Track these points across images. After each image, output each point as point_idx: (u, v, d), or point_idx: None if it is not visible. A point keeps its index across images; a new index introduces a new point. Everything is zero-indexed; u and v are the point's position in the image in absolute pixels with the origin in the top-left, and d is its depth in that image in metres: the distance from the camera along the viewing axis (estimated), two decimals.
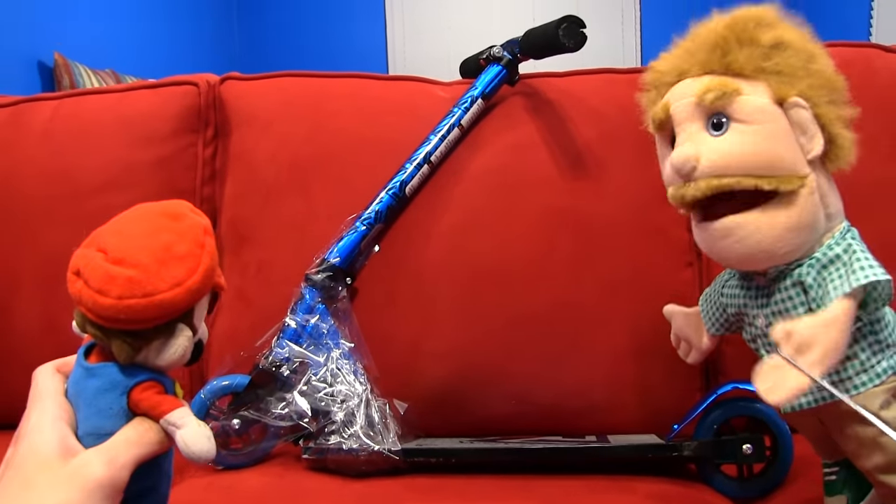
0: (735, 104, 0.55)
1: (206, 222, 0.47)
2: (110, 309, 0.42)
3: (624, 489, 0.76)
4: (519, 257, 0.92)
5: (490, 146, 0.96)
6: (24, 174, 1.02)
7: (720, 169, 0.56)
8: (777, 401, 0.50)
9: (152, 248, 0.43)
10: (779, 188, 0.55)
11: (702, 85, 0.56)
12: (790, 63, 0.55)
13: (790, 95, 0.55)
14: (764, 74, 0.55)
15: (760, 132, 0.55)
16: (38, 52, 2.62)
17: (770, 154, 0.55)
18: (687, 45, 0.60)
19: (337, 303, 0.89)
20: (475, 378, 0.91)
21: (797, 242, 0.56)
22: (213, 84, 1.05)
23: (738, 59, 0.56)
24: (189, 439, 0.43)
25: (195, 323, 0.46)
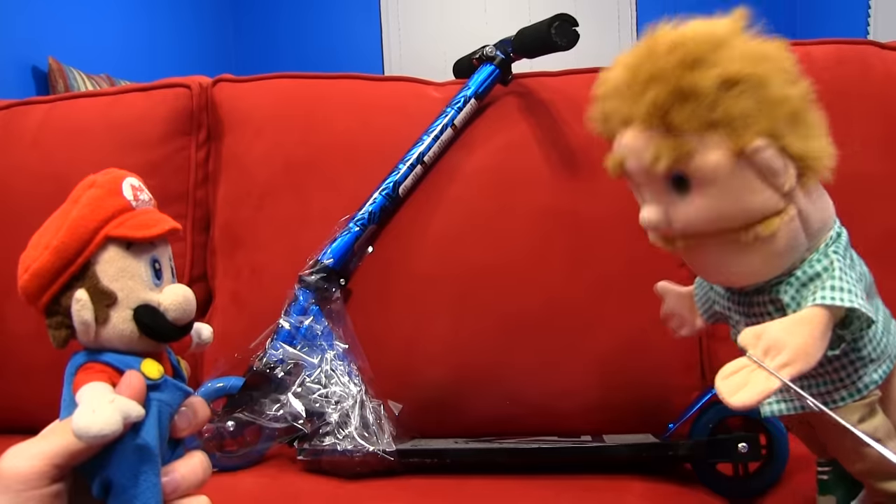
0: (691, 166, 0.49)
1: (102, 178, 0.43)
2: (20, 296, 0.41)
3: (619, 489, 0.76)
4: (513, 257, 0.92)
5: (483, 146, 0.96)
6: (16, 178, 1.02)
7: (693, 230, 0.52)
8: (741, 403, 0.46)
9: (44, 223, 0.42)
10: (758, 235, 0.51)
11: (650, 152, 0.50)
12: (740, 106, 0.48)
13: (748, 142, 0.48)
14: (712, 128, 0.49)
15: (726, 190, 0.50)
16: (32, 57, 2.62)
17: (742, 208, 0.51)
18: (628, 81, 0.52)
19: (331, 304, 0.89)
20: (470, 378, 0.91)
21: (777, 264, 0.53)
22: (206, 86, 1.05)
23: (680, 118, 0.48)
24: (76, 416, 0.36)
25: (105, 285, 0.40)
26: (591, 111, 0.57)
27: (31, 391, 0.97)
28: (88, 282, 0.40)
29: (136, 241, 0.41)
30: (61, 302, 0.40)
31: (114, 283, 0.40)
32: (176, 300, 0.42)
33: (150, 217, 0.43)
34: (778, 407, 0.57)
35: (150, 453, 0.40)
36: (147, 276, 0.42)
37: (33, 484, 0.37)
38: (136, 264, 0.41)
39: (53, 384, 1.06)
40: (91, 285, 0.40)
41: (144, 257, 0.42)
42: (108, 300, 0.40)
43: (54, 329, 0.41)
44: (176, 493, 0.41)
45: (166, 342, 0.43)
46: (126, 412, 0.37)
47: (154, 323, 0.41)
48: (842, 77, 0.91)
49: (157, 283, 0.42)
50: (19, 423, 0.99)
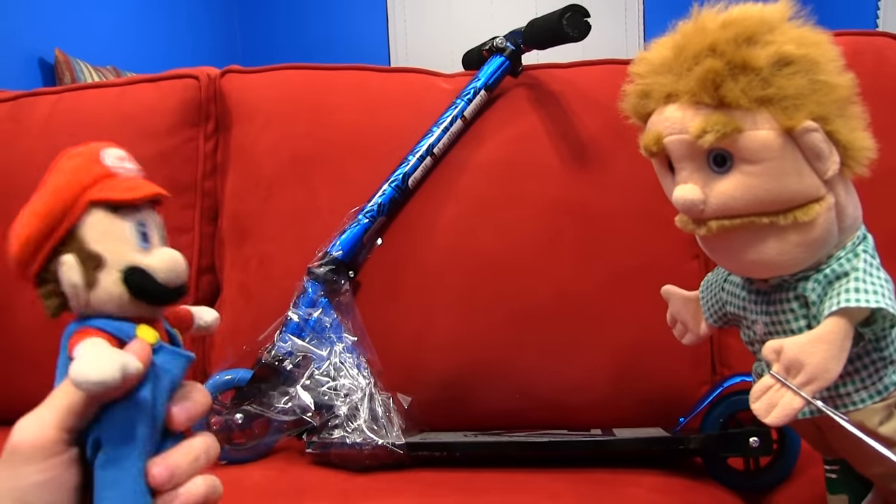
0: (737, 143, 0.49)
1: (84, 148, 0.44)
2: (12, 268, 0.42)
3: (629, 482, 0.76)
4: (523, 250, 0.92)
5: (493, 138, 0.95)
6: (24, 169, 1.01)
7: (730, 211, 0.51)
8: (771, 422, 0.49)
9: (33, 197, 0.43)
10: (797, 220, 0.50)
11: (696, 125, 0.49)
12: (794, 84, 0.48)
13: (799, 122, 0.48)
14: (765, 104, 0.48)
15: (769, 170, 0.49)
16: (38, 48, 2.62)
17: (783, 191, 0.50)
18: (673, 58, 0.52)
19: (340, 296, 0.88)
20: (479, 371, 0.91)
21: (804, 257, 0.52)
22: (214, 77, 1.04)
23: (733, 92, 0.48)
24: (74, 365, 0.36)
25: (91, 248, 0.40)
26: (627, 89, 0.57)
27: (41, 383, 0.96)
28: (75, 246, 0.40)
29: (120, 204, 0.41)
30: (50, 269, 0.41)
31: (99, 245, 0.40)
32: (164, 261, 0.42)
33: (134, 182, 0.43)
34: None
35: (143, 408, 0.40)
36: (133, 238, 0.42)
37: (49, 452, 0.37)
38: (121, 226, 0.41)
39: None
40: (77, 248, 0.40)
41: (130, 220, 0.42)
42: (95, 263, 0.40)
43: (46, 298, 0.41)
44: (172, 481, 0.40)
45: (158, 304, 0.43)
46: (125, 363, 0.37)
47: (144, 284, 0.41)
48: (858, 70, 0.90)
49: (145, 245, 0.42)
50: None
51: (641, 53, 0.56)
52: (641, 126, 0.58)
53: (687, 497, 0.73)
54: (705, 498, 0.74)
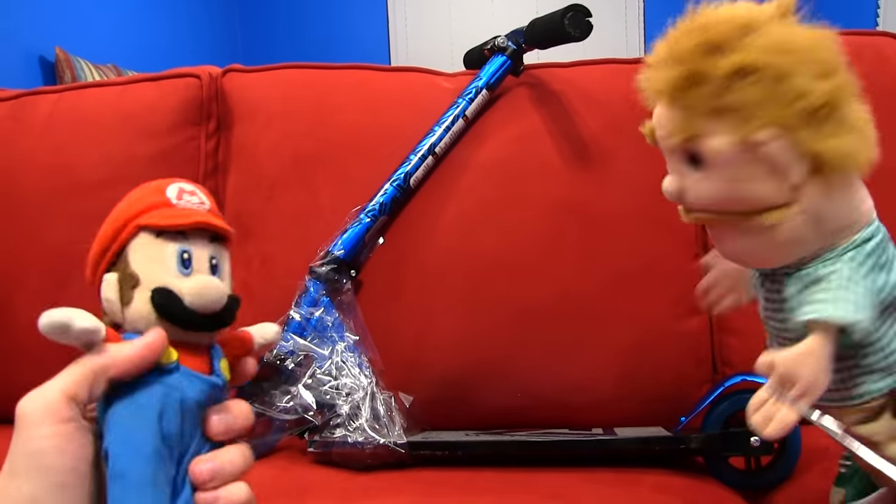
0: (699, 147, 0.50)
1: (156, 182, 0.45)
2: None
3: (631, 482, 0.76)
4: (525, 249, 0.92)
5: (495, 137, 0.95)
6: (25, 168, 1.01)
7: (702, 206, 0.54)
8: (768, 435, 0.50)
9: None
10: (761, 223, 0.51)
11: (666, 127, 0.52)
12: (751, 94, 0.48)
13: (752, 134, 0.48)
14: (723, 114, 0.49)
15: (727, 176, 0.51)
16: (39, 46, 2.62)
17: (742, 196, 0.51)
18: (664, 56, 0.53)
19: (341, 295, 0.88)
20: (481, 371, 0.91)
21: (777, 257, 0.54)
22: (216, 76, 1.04)
23: (694, 100, 0.50)
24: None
25: (133, 269, 0.42)
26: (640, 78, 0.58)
27: (40, 382, 0.96)
28: (120, 266, 0.42)
29: (162, 229, 0.43)
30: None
31: (139, 266, 0.42)
32: (194, 287, 0.42)
33: (186, 211, 0.44)
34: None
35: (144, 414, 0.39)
36: (173, 262, 0.43)
37: (55, 417, 0.38)
38: (162, 251, 0.43)
39: None
40: (122, 268, 0.42)
41: (173, 246, 0.43)
42: (133, 282, 0.42)
43: (103, 314, 0.43)
44: (216, 480, 0.41)
45: (187, 329, 0.43)
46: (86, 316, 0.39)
47: (170, 305, 0.41)
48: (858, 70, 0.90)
49: (185, 271, 0.43)
50: None
51: (657, 42, 0.57)
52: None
53: (688, 496, 0.73)
54: (707, 497, 0.74)
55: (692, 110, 0.50)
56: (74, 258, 1.04)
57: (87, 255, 0.44)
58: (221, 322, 0.44)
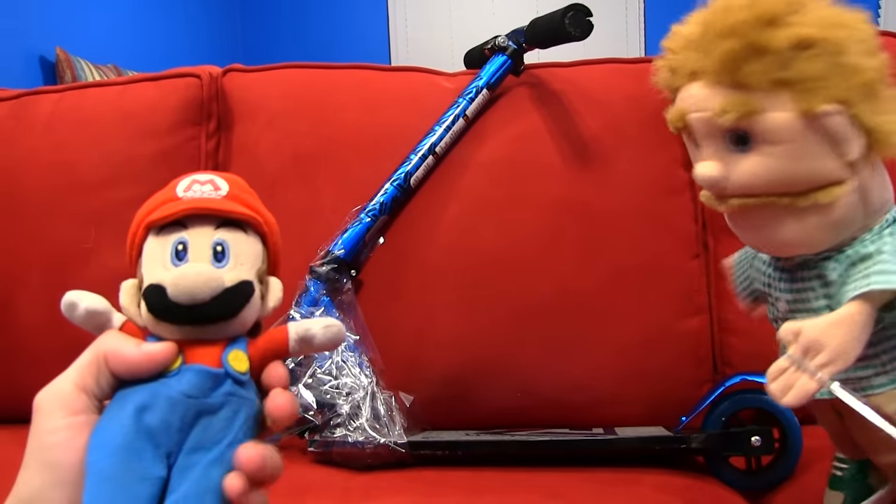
0: (757, 124, 0.49)
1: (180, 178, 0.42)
2: None
3: (631, 481, 0.76)
4: (525, 248, 0.92)
5: (495, 137, 0.95)
6: (27, 168, 1.01)
7: (750, 189, 0.52)
8: (788, 403, 0.48)
9: None
10: (817, 202, 0.50)
11: (717, 104, 0.50)
12: (815, 67, 0.48)
13: (817, 106, 0.48)
14: (785, 86, 0.48)
15: (789, 152, 0.49)
16: (39, 47, 2.62)
17: (803, 172, 0.50)
18: (700, 35, 0.52)
19: (342, 295, 0.88)
20: (481, 370, 0.91)
21: (826, 238, 0.53)
22: (216, 76, 1.04)
23: (753, 74, 0.49)
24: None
25: (141, 272, 0.40)
26: (659, 63, 0.57)
27: (41, 381, 0.96)
28: (139, 271, 0.41)
29: (155, 224, 0.40)
30: None
31: (143, 267, 0.40)
32: (175, 276, 0.38)
33: (187, 201, 0.40)
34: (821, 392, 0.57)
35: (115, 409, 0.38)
36: (166, 257, 0.39)
37: (67, 409, 0.37)
38: (159, 247, 0.40)
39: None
40: (138, 273, 0.41)
41: (169, 238, 0.40)
42: (140, 285, 0.40)
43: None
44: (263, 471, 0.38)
45: (173, 323, 0.39)
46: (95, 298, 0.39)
47: (154, 302, 0.38)
48: None
49: (178, 263, 0.39)
50: (29, 414, 0.99)
51: (675, 27, 0.56)
52: (673, 100, 0.58)
53: (689, 496, 0.73)
54: (707, 497, 0.74)
55: (751, 85, 0.49)
56: (76, 257, 1.05)
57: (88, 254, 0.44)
58: (216, 312, 0.39)
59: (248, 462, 0.38)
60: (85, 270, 0.96)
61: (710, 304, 0.93)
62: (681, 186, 0.94)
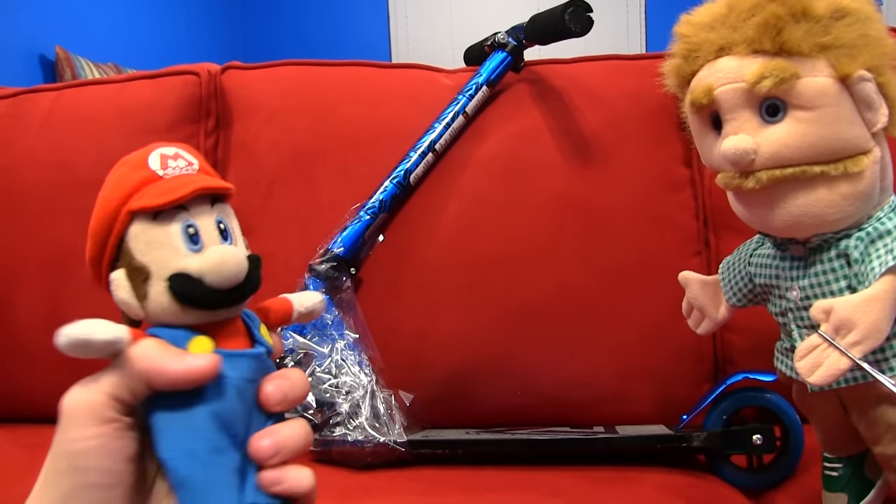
0: (794, 89, 0.50)
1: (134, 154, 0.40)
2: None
3: (632, 480, 0.75)
4: (525, 246, 0.91)
5: (495, 134, 0.95)
6: (24, 166, 1.01)
7: (782, 160, 0.52)
8: (816, 381, 0.48)
9: None
10: (846, 171, 0.51)
11: (754, 70, 0.51)
12: (851, 34, 0.50)
13: (855, 70, 0.50)
14: (824, 51, 0.50)
15: (824, 117, 0.50)
16: (39, 45, 2.62)
17: (835, 139, 0.51)
18: (725, 15, 0.54)
19: (341, 293, 0.88)
20: (481, 368, 0.90)
21: (850, 211, 0.53)
22: (215, 73, 1.04)
23: (794, 38, 0.50)
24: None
25: (139, 260, 0.38)
26: (673, 50, 0.58)
27: (39, 380, 0.97)
28: (125, 260, 0.38)
29: (157, 210, 0.38)
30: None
31: (146, 256, 0.38)
32: (210, 262, 0.38)
33: (179, 181, 0.39)
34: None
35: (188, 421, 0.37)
36: (180, 242, 0.38)
37: (99, 418, 0.37)
38: (165, 232, 0.38)
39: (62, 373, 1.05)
40: (126, 263, 0.38)
41: (175, 224, 0.39)
42: (144, 275, 0.38)
43: (121, 313, 0.40)
44: (279, 455, 0.39)
45: (212, 310, 0.39)
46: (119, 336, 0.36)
47: (190, 290, 0.38)
48: None
49: (195, 248, 0.39)
50: (27, 412, 0.99)
51: (685, 16, 0.58)
52: (679, 91, 0.59)
53: (690, 494, 0.73)
54: (708, 495, 0.73)
55: (793, 49, 0.50)
56: (74, 255, 1.04)
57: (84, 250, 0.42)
58: (250, 289, 0.40)
59: (260, 451, 0.38)
60: (82, 269, 0.95)
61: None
62: (681, 183, 0.93)
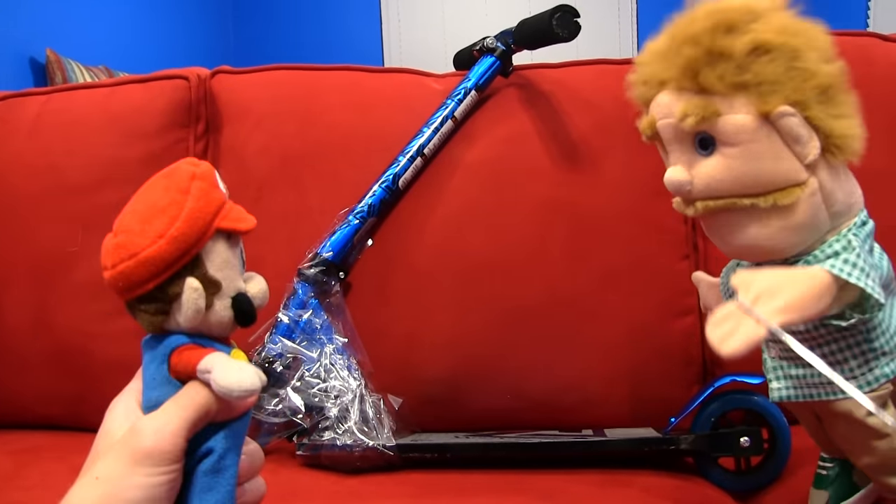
0: (717, 126, 0.51)
1: (201, 169, 0.44)
2: (111, 280, 0.42)
3: (621, 483, 0.76)
4: (513, 250, 0.92)
5: (484, 138, 0.95)
6: (13, 170, 1.01)
7: (714, 192, 0.53)
8: (728, 351, 0.45)
9: (138, 209, 0.43)
10: (777, 203, 0.51)
11: (679, 108, 0.52)
12: (770, 71, 0.50)
13: (774, 107, 0.50)
14: (741, 89, 0.51)
15: (746, 153, 0.51)
16: (30, 48, 2.60)
17: (759, 173, 0.51)
18: (666, 46, 0.55)
19: (330, 297, 0.88)
20: (470, 372, 0.91)
21: (795, 241, 0.53)
22: (204, 78, 1.04)
23: (710, 78, 0.51)
24: (219, 376, 0.40)
25: (212, 274, 0.42)
26: (631, 78, 0.60)
27: (27, 385, 0.96)
28: (198, 271, 0.42)
29: (239, 233, 0.44)
30: (167, 290, 0.42)
31: (219, 272, 0.43)
32: (261, 289, 0.46)
33: (240, 210, 0.45)
34: (787, 393, 0.58)
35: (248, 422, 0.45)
36: (240, 266, 0.45)
37: (176, 459, 0.41)
38: (234, 255, 0.44)
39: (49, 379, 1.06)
40: (200, 274, 0.42)
41: (237, 248, 0.45)
42: (215, 289, 0.43)
43: (152, 315, 0.42)
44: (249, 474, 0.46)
45: (247, 326, 0.46)
46: (260, 374, 0.41)
47: (247, 309, 0.44)
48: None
49: (244, 273, 0.46)
50: (15, 418, 0.98)
51: (648, 43, 0.59)
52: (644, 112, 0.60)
53: (678, 497, 0.73)
54: (696, 497, 0.74)
55: (710, 89, 0.51)
56: (62, 260, 1.04)
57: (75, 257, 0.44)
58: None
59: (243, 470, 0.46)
60: (71, 273, 0.95)
61: (699, 306, 0.93)
62: None
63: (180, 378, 0.43)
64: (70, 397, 0.95)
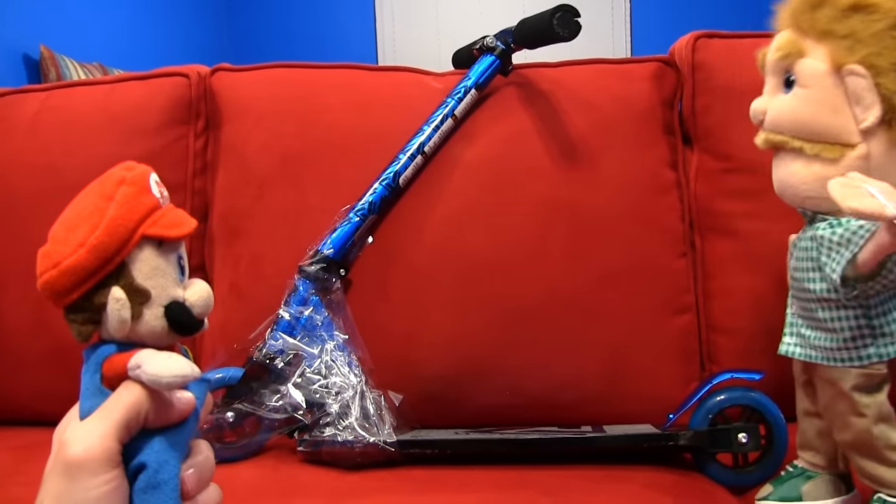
0: (797, 66, 0.56)
1: (132, 174, 0.42)
2: (40, 290, 0.41)
3: (620, 479, 0.76)
4: (513, 248, 0.92)
5: (483, 137, 0.96)
6: (11, 168, 1.01)
7: (777, 126, 0.58)
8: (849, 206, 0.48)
9: (68, 216, 0.41)
10: (820, 154, 0.55)
11: (777, 45, 0.58)
12: (860, 28, 0.53)
13: (847, 62, 0.53)
14: (828, 38, 0.55)
15: (810, 98, 0.56)
16: (23, 44, 2.59)
17: (814, 121, 0.56)
18: None
19: (331, 294, 0.88)
20: (470, 369, 0.91)
21: (823, 193, 0.54)
22: (204, 75, 1.04)
23: (807, 20, 0.56)
24: (147, 366, 0.39)
25: (139, 283, 0.41)
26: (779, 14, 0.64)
27: (24, 383, 0.96)
28: (124, 280, 0.40)
29: (169, 240, 0.42)
30: (93, 299, 0.40)
31: (147, 281, 0.41)
32: (202, 296, 0.43)
33: (177, 215, 0.44)
34: (793, 349, 0.63)
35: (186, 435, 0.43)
36: (175, 273, 0.43)
37: (112, 464, 0.39)
38: (166, 263, 0.42)
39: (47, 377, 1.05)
40: (126, 283, 0.40)
41: (173, 255, 0.43)
42: (143, 298, 0.41)
43: (81, 325, 0.41)
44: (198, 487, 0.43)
45: (190, 336, 0.44)
46: (193, 367, 0.39)
47: (182, 318, 0.42)
48: None
49: (182, 279, 0.44)
50: (12, 415, 0.98)
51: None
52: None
53: (676, 492, 0.74)
54: (695, 493, 0.74)
55: (803, 31, 0.56)
56: None
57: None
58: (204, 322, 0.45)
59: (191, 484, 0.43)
60: None
61: (697, 303, 0.94)
62: (668, 186, 0.95)
63: (112, 386, 0.41)
64: (68, 395, 0.93)
